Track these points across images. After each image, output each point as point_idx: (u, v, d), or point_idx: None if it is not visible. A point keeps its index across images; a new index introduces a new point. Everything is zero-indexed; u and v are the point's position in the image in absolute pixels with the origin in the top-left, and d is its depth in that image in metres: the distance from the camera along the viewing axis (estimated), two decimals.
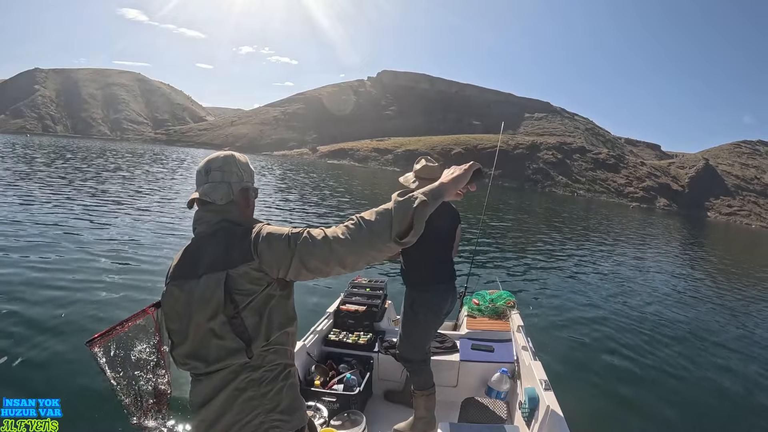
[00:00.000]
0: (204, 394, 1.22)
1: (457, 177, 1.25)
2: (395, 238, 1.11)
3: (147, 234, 8.84)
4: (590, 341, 5.74)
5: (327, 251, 1.13)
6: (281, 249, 1.17)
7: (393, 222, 1.11)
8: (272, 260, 1.18)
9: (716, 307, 9.01)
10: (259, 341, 1.19)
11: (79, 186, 15.40)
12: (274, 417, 1.22)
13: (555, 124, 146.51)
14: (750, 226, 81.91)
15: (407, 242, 1.13)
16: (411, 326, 2.56)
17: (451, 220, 2.67)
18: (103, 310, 4.84)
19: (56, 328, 4.30)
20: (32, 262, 6.19)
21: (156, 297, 1.43)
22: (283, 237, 1.19)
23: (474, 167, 1.28)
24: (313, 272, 1.18)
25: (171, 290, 1.25)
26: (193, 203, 1.33)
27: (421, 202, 1.13)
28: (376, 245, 1.12)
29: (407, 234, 1.13)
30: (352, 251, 1.13)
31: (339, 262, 1.14)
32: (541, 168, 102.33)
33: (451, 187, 1.23)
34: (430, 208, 1.16)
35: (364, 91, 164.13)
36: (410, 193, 1.16)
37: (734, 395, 4.78)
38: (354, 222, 1.15)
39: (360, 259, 1.15)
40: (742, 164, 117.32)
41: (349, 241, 1.12)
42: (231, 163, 1.35)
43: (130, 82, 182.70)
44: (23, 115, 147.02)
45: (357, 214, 1.16)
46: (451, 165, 1.32)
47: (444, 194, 1.21)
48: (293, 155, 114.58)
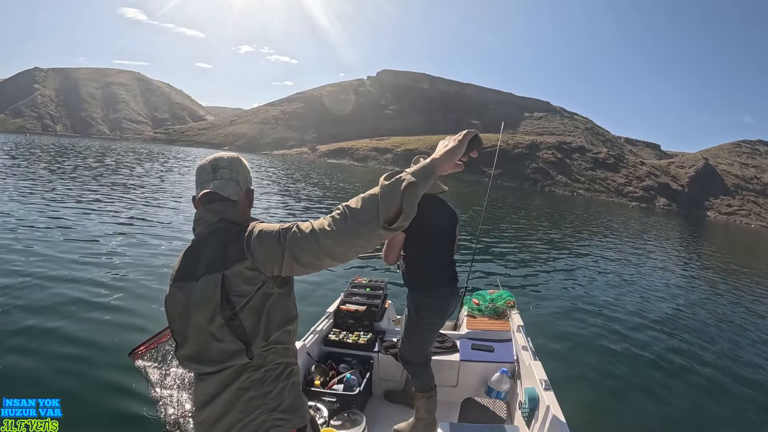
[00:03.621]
0: (207, 393, 1.22)
1: (451, 150, 1.16)
2: (384, 225, 1.05)
3: (157, 233, 8.83)
4: (591, 341, 5.74)
5: (315, 245, 1.09)
6: (272, 246, 1.15)
7: (380, 208, 1.05)
8: (264, 258, 1.15)
9: (718, 306, 9.01)
10: (259, 341, 1.18)
11: (95, 186, 15.39)
12: (276, 416, 1.22)
13: (555, 124, 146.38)
14: (750, 225, 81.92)
15: (398, 228, 1.07)
16: (415, 330, 2.56)
17: (450, 220, 2.66)
18: (104, 310, 4.84)
19: (57, 328, 4.29)
20: (32, 262, 6.18)
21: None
22: (274, 234, 1.16)
23: (469, 135, 1.18)
24: (306, 266, 1.14)
25: (173, 292, 1.25)
26: (197, 202, 1.32)
27: (410, 183, 1.07)
28: (362, 235, 1.06)
29: (397, 219, 1.06)
30: (339, 243, 1.08)
31: (329, 254, 1.10)
32: (541, 167, 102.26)
33: (445, 161, 1.15)
34: (421, 188, 1.09)
35: (364, 91, 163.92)
36: (398, 175, 1.09)
37: (736, 395, 4.78)
38: (340, 212, 1.10)
39: (349, 249, 1.10)
40: (741, 164, 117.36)
41: (335, 232, 1.07)
42: (238, 163, 1.36)
43: (129, 82, 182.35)
44: (23, 114, 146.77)
45: (344, 203, 1.11)
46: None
47: (437, 170, 1.14)
48: (293, 154, 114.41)
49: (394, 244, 2.50)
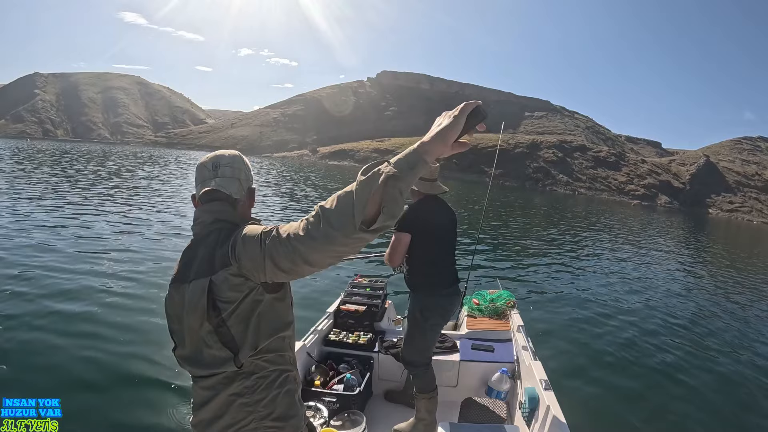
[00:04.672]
0: (202, 395, 1.22)
1: (445, 129, 0.93)
2: (361, 228, 0.89)
3: (159, 233, 8.85)
4: (591, 341, 5.73)
5: (291, 250, 0.98)
6: (255, 250, 1.06)
7: (354, 209, 0.89)
8: (250, 264, 1.08)
9: (719, 306, 8.98)
10: (246, 350, 1.14)
11: (101, 190, 15.43)
12: (267, 423, 1.21)
13: (555, 123, 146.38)
14: (752, 222, 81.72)
15: (379, 229, 0.90)
16: (419, 331, 2.55)
17: (451, 220, 2.67)
18: (104, 309, 4.85)
19: (57, 327, 4.31)
20: (32, 262, 6.20)
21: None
22: (256, 237, 1.07)
23: (468, 108, 0.93)
24: (287, 273, 1.04)
25: (171, 292, 1.24)
26: (197, 200, 1.30)
27: (389, 176, 0.88)
28: (337, 240, 0.91)
29: (377, 219, 0.89)
30: (312, 249, 0.95)
31: (305, 260, 0.97)
32: (542, 167, 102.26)
33: (436, 144, 0.93)
34: (405, 181, 0.90)
35: (364, 92, 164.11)
36: (377, 167, 0.92)
37: (736, 395, 4.77)
38: (314, 213, 0.95)
39: (325, 256, 0.96)
40: (742, 160, 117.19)
41: (307, 238, 0.94)
42: (239, 161, 1.33)
43: (129, 86, 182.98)
44: (23, 119, 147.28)
45: (321, 202, 0.96)
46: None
47: (426, 157, 0.92)
48: (293, 157, 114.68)
49: (399, 247, 2.46)
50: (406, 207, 2.50)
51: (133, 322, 4.60)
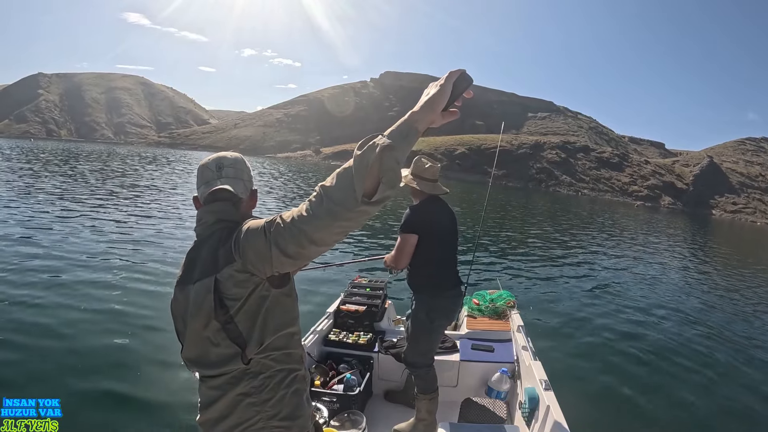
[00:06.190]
0: (209, 395, 1.23)
1: (432, 97, 0.97)
2: (363, 200, 0.93)
3: (161, 232, 8.88)
4: (591, 341, 5.72)
5: (297, 232, 1.00)
6: (260, 243, 1.07)
7: (355, 182, 0.93)
8: (255, 257, 1.09)
9: (720, 306, 8.95)
10: (253, 346, 1.16)
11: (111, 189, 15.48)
12: (274, 423, 1.21)
13: (558, 124, 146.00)
14: (755, 223, 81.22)
15: (381, 200, 0.94)
16: (424, 333, 2.55)
17: (452, 221, 2.67)
18: (105, 310, 4.87)
19: (57, 328, 4.33)
20: (33, 262, 6.23)
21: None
22: (259, 229, 1.09)
23: (453, 76, 0.98)
24: (294, 258, 1.05)
25: (176, 294, 1.26)
26: (198, 201, 1.31)
27: (386, 146, 0.92)
28: (340, 215, 0.95)
29: (377, 190, 0.94)
30: (318, 227, 0.97)
31: (310, 241, 1.00)
32: (545, 167, 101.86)
33: (426, 113, 0.97)
34: (401, 150, 0.94)
35: (367, 93, 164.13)
36: (372, 140, 0.96)
37: (737, 394, 4.75)
38: (316, 193, 0.99)
39: (329, 233, 0.99)
40: (746, 161, 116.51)
41: (312, 216, 0.97)
42: (242, 162, 1.35)
43: (133, 86, 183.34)
44: (27, 119, 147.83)
45: (321, 182, 1.00)
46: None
47: (417, 126, 0.97)
48: (296, 157, 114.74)
49: (406, 248, 2.46)
50: (408, 210, 2.51)
51: (133, 322, 4.62)
